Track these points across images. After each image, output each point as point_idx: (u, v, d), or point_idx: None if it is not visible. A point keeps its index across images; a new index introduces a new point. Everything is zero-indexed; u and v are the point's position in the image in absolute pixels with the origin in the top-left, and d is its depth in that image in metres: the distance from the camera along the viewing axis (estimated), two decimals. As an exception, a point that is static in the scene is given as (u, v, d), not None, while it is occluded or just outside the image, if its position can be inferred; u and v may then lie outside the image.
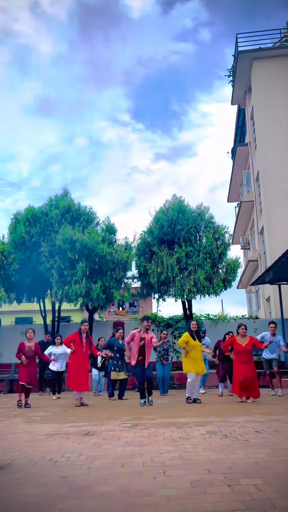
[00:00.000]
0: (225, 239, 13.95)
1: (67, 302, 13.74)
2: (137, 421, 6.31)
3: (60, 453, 4.28)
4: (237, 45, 20.37)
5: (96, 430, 5.61)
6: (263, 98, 19.78)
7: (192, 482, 3.14)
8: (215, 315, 15.89)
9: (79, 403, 8.59)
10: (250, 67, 20.49)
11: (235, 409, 7.46)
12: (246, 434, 4.99)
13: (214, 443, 4.56)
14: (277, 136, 18.83)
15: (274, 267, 12.94)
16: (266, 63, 20.20)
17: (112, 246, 14.17)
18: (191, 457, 3.94)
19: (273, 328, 9.79)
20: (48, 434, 5.41)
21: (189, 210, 14.24)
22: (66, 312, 29.15)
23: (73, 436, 5.24)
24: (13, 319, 32.91)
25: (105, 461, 3.92)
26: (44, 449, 4.52)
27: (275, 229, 17.82)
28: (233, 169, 25.08)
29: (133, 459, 3.96)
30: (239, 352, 8.61)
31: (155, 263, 13.60)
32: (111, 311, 40.36)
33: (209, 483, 3.11)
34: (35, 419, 6.92)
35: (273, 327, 9.81)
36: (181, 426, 5.69)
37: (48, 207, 14.52)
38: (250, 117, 21.68)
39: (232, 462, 3.71)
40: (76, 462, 3.91)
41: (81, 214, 14.52)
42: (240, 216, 23.88)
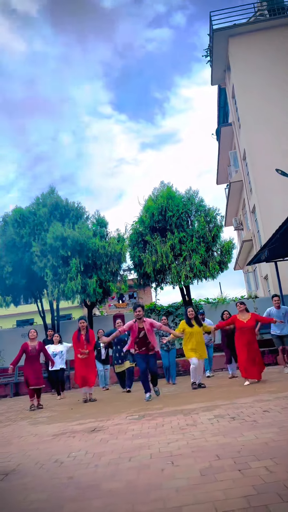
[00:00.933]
0: (217, 221, 13.83)
1: (64, 300, 13.63)
2: (143, 412, 6.23)
3: (66, 453, 4.19)
4: (211, 23, 20.06)
5: (103, 425, 5.53)
6: (242, 75, 19.56)
7: (201, 470, 3.05)
8: (214, 299, 15.84)
9: (86, 398, 8.48)
10: (226, 45, 20.21)
11: (241, 390, 7.39)
12: (254, 415, 4.91)
13: (222, 427, 4.48)
14: (260, 112, 18.65)
15: (269, 245, 12.84)
16: (243, 39, 19.94)
17: (104, 239, 14.03)
18: (199, 444, 3.85)
19: (277, 301, 9.49)
20: (54, 435, 5.32)
21: (178, 195, 14.10)
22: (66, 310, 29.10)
23: (79, 434, 5.15)
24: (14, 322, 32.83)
25: (112, 456, 3.82)
26: (50, 451, 4.43)
27: (267, 206, 17.72)
28: (219, 151, 24.89)
29: (140, 452, 3.87)
30: (241, 329, 8.31)
31: (149, 252, 13.49)
32: (112, 305, 40.35)
33: (218, 469, 3.02)
34: (41, 420, 6.83)
35: (277, 300, 9.50)
36: (188, 413, 5.61)
37: (35, 206, 14.34)
38: (232, 96, 21.45)
39: (241, 445, 3.63)
40: (82, 461, 3.81)
41: (70, 210, 14.35)
42: (230, 197, 23.77)
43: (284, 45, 19.35)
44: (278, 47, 19.38)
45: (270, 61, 19.20)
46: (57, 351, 10.08)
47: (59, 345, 10.20)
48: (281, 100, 18.50)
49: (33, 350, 8.81)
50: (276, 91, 18.67)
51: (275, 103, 18.54)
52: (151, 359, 7.78)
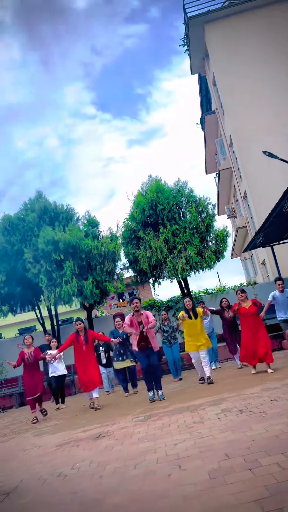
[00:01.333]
0: (209, 210, 13.63)
1: (61, 305, 13.42)
2: (149, 412, 6.05)
3: (70, 465, 4.00)
4: (185, 12, 19.77)
5: (108, 430, 5.34)
6: (221, 60, 19.32)
7: (210, 473, 2.87)
8: (213, 289, 15.67)
9: (92, 403, 8.13)
10: (202, 32, 19.96)
11: (248, 379, 7.22)
12: (262, 405, 4.73)
13: (230, 421, 4.30)
14: (242, 95, 18.42)
15: (263, 229, 12.66)
16: (218, 24, 19.69)
17: (97, 239, 13.83)
18: (207, 443, 3.67)
19: (281, 285, 9.27)
20: (58, 445, 5.13)
21: (168, 188, 13.88)
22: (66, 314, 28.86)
23: (83, 442, 4.96)
24: (16, 331, 32.61)
25: (117, 465, 3.64)
26: (53, 463, 4.24)
27: (258, 191, 17.52)
28: (206, 140, 24.66)
29: (146, 457, 3.68)
30: (244, 315, 8.16)
31: (143, 248, 13.28)
32: (112, 305, 40.13)
33: (228, 470, 2.84)
34: (45, 430, 6.64)
35: (280, 284, 9.28)
36: (194, 410, 5.43)
37: (24, 212, 14.11)
38: (212, 83, 21.22)
39: (250, 440, 3.45)
40: (86, 472, 3.62)
41: (59, 213, 14.13)
42: (221, 185, 23.56)
43: (259, 26, 19.10)
44: (254, 29, 19.13)
45: (247, 43, 18.96)
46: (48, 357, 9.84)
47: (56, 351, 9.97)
48: (261, 81, 18.26)
49: (30, 357, 8.53)
50: (256, 72, 18.43)
51: (256, 84, 18.30)
52: (151, 352, 7.43)
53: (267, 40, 18.81)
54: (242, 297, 8.16)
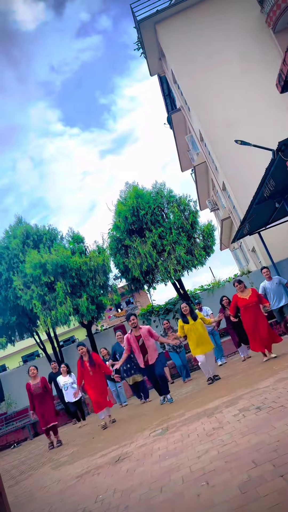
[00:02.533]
0: (191, 207, 13.57)
1: (59, 326, 13.18)
2: (166, 424, 5.86)
3: (93, 498, 3.80)
4: (134, 15, 19.77)
5: (127, 451, 5.14)
6: (177, 58, 19.35)
7: (240, 486, 2.70)
8: (209, 284, 15.56)
9: (105, 423, 7.96)
10: (155, 32, 19.99)
11: (259, 372, 7.08)
12: (280, 399, 4.58)
13: (250, 422, 4.14)
14: (205, 89, 18.44)
15: (248, 217, 12.60)
16: (169, 23, 19.73)
17: (84, 254, 13.64)
18: (231, 451, 3.50)
19: (266, 273, 9.23)
20: (78, 476, 4.92)
21: (147, 192, 13.79)
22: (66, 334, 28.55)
23: (104, 469, 4.76)
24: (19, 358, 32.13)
25: (142, 491, 3.45)
26: (75, 498, 4.04)
27: (236, 180, 17.49)
28: (176, 138, 24.65)
29: (170, 476, 3.50)
30: (245, 306, 7.98)
31: (132, 256, 13.13)
32: (111, 316, 39.81)
33: (259, 480, 2.67)
34: (63, 460, 6.42)
35: (266, 271, 9.25)
36: (211, 414, 5.26)
37: (6, 240, 13.89)
38: (173, 82, 21.22)
39: (275, 441, 3.28)
40: (111, 505, 3.43)
41: (42, 235, 13.94)
42: (198, 180, 23.56)
43: (208, 18, 19.17)
44: (205, 21, 19.19)
45: (201, 36, 19.01)
46: (68, 383, 9.68)
47: (68, 377, 9.79)
48: (220, 72, 18.31)
49: (37, 388, 8.31)
50: (213, 64, 18.48)
51: (216, 76, 18.34)
52: (154, 364, 7.56)
53: (219, 30, 18.88)
54: (240, 288, 8.06)
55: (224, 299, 9.65)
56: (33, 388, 8.24)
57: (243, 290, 8.06)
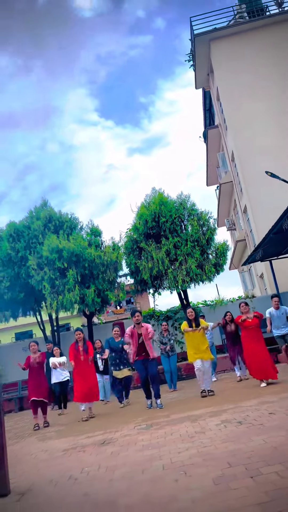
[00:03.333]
0: (210, 224, 13.96)
1: (63, 312, 13.66)
2: (151, 421, 6.29)
3: (79, 469, 4.24)
4: (192, 28, 20.26)
5: (112, 437, 5.58)
6: (225, 77, 19.77)
7: (214, 479, 3.13)
8: (212, 301, 15.93)
9: (86, 417, 7.99)
10: (208, 49, 20.43)
11: (245, 392, 7.48)
12: (260, 418, 4.99)
13: (230, 432, 4.56)
14: (245, 112, 18.85)
15: (263, 244, 12.99)
16: (224, 42, 20.17)
17: (100, 248, 14.10)
18: (210, 452, 3.93)
19: (276, 301, 9.56)
20: (65, 450, 5.37)
21: (171, 201, 14.21)
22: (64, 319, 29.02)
23: (89, 448, 5.20)
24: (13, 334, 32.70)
25: (125, 470, 3.89)
26: (62, 467, 4.48)
27: (258, 206, 17.89)
28: (208, 153, 25.07)
29: (152, 463, 3.93)
30: (247, 327, 8.31)
31: (145, 259, 13.57)
32: (110, 311, 40.26)
33: (231, 477, 3.10)
34: (49, 436, 6.87)
35: (276, 301, 9.58)
36: (195, 420, 5.68)
37: (29, 220, 14.39)
38: (216, 99, 21.66)
39: (250, 450, 3.71)
40: (96, 476, 3.87)
41: (64, 222, 14.42)
42: (221, 198, 23.92)
43: (264, 45, 19.60)
44: (259, 48, 19.62)
45: (252, 62, 19.43)
46: (60, 362, 10.09)
47: (61, 357, 10.21)
48: (264, 99, 18.71)
49: (34, 362, 8.72)
50: (259, 91, 18.90)
51: (259, 103, 18.75)
52: (150, 362, 7.74)
53: (272, 60, 19.29)
54: (246, 310, 8.47)
55: (228, 315, 10.04)
56: (32, 360, 8.62)
57: (247, 313, 8.47)
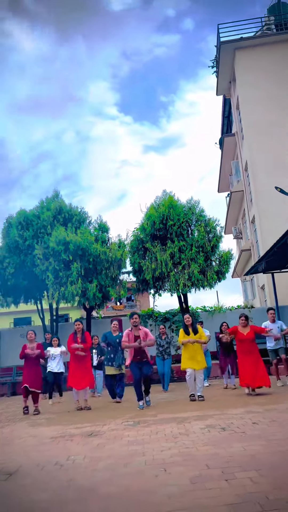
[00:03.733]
0: (217, 231, 14.13)
1: (63, 303, 13.90)
2: (138, 418, 6.49)
3: (66, 456, 4.45)
4: (219, 35, 20.38)
5: (99, 430, 5.79)
6: (247, 87, 19.88)
7: (191, 478, 3.32)
8: (211, 307, 16.11)
9: (80, 406, 8.33)
10: (233, 57, 20.54)
11: (233, 400, 7.67)
12: (244, 426, 5.18)
13: (213, 437, 4.75)
14: (263, 124, 18.97)
15: (267, 257, 13.15)
16: (249, 52, 20.27)
17: (106, 244, 14.32)
18: (190, 453, 4.12)
19: (272, 314, 9.70)
20: (53, 437, 5.58)
21: (180, 205, 14.39)
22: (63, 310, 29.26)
23: (77, 438, 5.41)
24: (12, 320, 33.04)
25: (109, 462, 4.09)
26: (50, 453, 4.69)
27: (266, 218, 18.03)
28: (222, 160, 25.20)
29: (135, 458, 4.13)
30: (241, 341, 8.48)
31: (149, 259, 13.77)
32: (109, 307, 40.51)
33: (207, 478, 3.29)
34: (39, 422, 7.09)
35: (272, 313, 9.71)
36: (181, 422, 5.88)
37: (39, 210, 14.62)
38: (236, 107, 21.77)
39: (229, 455, 3.89)
40: (81, 465, 4.08)
41: (73, 215, 14.64)
42: (231, 206, 24.07)
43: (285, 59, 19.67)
44: (284, 61, 19.71)
45: (276, 75, 19.53)
46: (56, 354, 10.33)
47: (58, 348, 10.43)
48: (284, 114, 18.83)
49: (31, 352, 8.88)
50: (280, 105, 19.01)
51: (279, 116, 18.87)
52: (144, 364, 7.91)
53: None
54: (243, 324, 8.59)
55: (224, 325, 10.21)
56: (28, 349, 8.79)
57: (244, 326, 8.61)
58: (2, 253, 14.01)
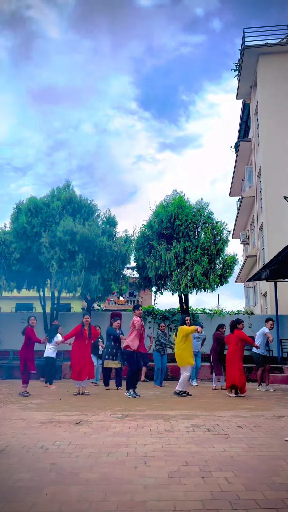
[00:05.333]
0: (223, 235, 14.14)
1: (65, 293, 14.05)
2: (127, 412, 6.62)
3: (52, 441, 4.59)
4: (244, 39, 20.33)
5: (87, 419, 5.93)
6: (268, 94, 19.82)
7: (169, 472, 3.44)
8: (211, 310, 16.18)
9: (77, 391, 8.89)
10: (256, 62, 20.48)
11: (223, 403, 7.78)
12: (228, 429, 5.29)
13: (196, 436, 4.86)
14: (280, 133, 18.92)
15: (271, 265, 13.19)
16: (273, 58, 20.19)
17: (112, 238, 14.40)
18: (172, 449, 4.24)
19: (272, 325, 10.33)
20: (42, 422, 5.72)
21: (189, 205, 14.43)
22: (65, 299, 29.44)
23: (65, 424, 5.55)
24: (14, 305, 33.32)
25: (93, 450, 4.22)
26: (37, 437, 4.83)
27: (274, 226, 18.03)
28: (236, 164, 25.17)
29: (118, 449, 4.26)
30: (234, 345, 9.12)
31: (153, 257, 13.85)
32: (111, 300, 40.70)
33: (185, 474, 3.40)
34: (30, 407, 7.24)
35: (272, 324, 10.35)
36: (168, 419, 5.99)
37: (50, 198, 14.73)
38: (255, 113, 21.72)
39: (209, 455, 4.01)
40: (65, 450, 4.21)
41: (82, 206, 14.73)
42: (241, 211, 24.05)
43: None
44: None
45: (297, 84, 19.44)
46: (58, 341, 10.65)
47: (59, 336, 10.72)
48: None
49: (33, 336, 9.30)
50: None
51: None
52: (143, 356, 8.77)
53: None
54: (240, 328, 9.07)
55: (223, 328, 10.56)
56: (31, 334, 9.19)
57: None
58: (9, 238, 14.15)
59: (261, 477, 3.32)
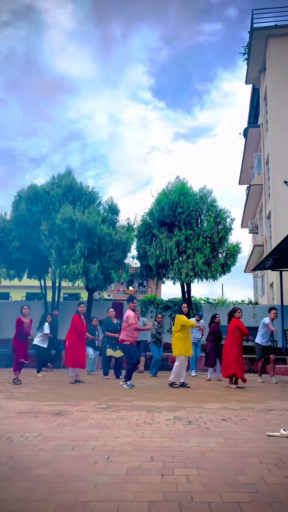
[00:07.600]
0: (227, 223, 13.76)
1: (66, 282, 13.88)
2: (112, 402, 6.41)
3: (21, 433, 4.40)
4: (252, 21, 19.63)
5: (68, 410, 5.73)
6: (277, 78, 19.19)
7: (129, 469, 3.20)
8: (214, 299, 15.86)
9: (74, 380, 8.86)
10: (265, 45, 19.81)
11: (216, 395, 7.51)
12: (211, 422, 5.03)
13: (174, 429, 4.62)
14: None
15: (274, 254, 12.78)
16: (283, 41, 19.50)
17: (113, 226, 14.14)
18: (143, 443, 4.00)
19: (275, 314, 9.82)
20: (20, 412, 5.55)
21: (192, 192, 14.05)
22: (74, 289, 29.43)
23: (42, 415, 5.36)
24: (24, 293, 33.49)
25: (59, 443, 4.01)
26: (8, 428, 4.65)
27: (282, 214, 17.55)
28: (245, 151, 24.59)
29: (86, 442, 4.04)
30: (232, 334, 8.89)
31: (154, 245, 13.55)
32: (120, 290, 40.54)
33: (145, 471, 3.16)
34: (17, 396, 7.09)
35: (275, 313, 9.85)
36: (152, 411, 5.76)
37: (50, 186, 14.51)
38: (264, 98, 21.09)
39: (180, 450, 3.76)
40: (30, 443, 4.01)
41: (83, 194, 14.48)
42: (249, 199, 23.55)
43: None
44: None
45: (307, 66, 18.74)
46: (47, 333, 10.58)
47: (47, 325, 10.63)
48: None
49: (27, 326, 9.14)
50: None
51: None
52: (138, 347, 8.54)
53: None
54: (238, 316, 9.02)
55: (217, 318, 10.24)
56: (24, 325, 9.04)
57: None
58: (9, 226, 13.99)
59: (226, 476, 3.06)
